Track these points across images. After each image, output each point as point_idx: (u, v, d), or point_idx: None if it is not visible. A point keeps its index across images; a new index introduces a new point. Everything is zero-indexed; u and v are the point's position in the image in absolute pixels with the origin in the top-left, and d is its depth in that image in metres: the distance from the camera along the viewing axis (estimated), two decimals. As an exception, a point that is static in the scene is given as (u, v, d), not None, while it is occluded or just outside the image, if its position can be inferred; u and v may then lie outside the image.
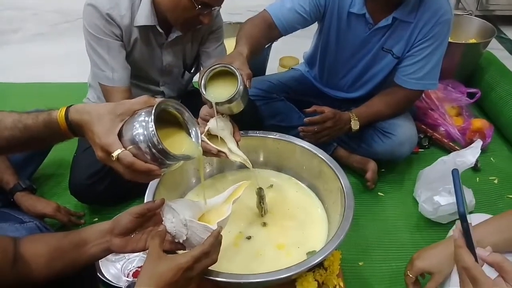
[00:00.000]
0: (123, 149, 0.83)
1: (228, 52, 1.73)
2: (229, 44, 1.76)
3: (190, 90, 1.92)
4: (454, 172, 0.80)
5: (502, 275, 0.73)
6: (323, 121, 1.61)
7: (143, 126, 0.82)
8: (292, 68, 2.18)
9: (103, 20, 1.44)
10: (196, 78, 1.85)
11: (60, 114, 0.87)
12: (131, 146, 0.83)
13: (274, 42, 2.02)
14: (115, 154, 0.82)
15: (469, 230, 0.76)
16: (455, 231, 0.79)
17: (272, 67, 2.49)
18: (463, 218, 0.76)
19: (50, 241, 0.96)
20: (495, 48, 2.64)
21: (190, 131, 0.95)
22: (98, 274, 1.40)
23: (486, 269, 0.76)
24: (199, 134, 0.95)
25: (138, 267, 1.45)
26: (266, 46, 1.98)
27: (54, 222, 1.62)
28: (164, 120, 0.89)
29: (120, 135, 0.84)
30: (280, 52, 2.46)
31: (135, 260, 1.47)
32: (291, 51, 2.44)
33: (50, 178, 1.91)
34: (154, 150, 0.82)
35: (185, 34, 1.57)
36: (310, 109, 1.65)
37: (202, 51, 1.69)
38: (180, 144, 0.92)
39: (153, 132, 0.80)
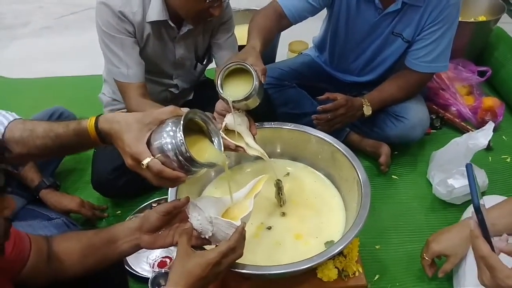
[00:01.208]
0: (152, 157, 0.87)
1: (238, 39, 1.74)
2: (239, 31, 1.78)
3: (203, 81, 1.95)
4: (468, 166, 0.83)
5: None
6: (336, 109, 1.63)
7: (170, 136, 0.86)
8: (301, 53, 2.19)
9: (116, 18, 1.46)
10: (210, 66, 1.87)
11: (90, 123, 0.91)
12: (159, 154, 0.87)
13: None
14: (145, 162, 0.86)
15: (484, 221, 0.80)
16: (471, 222, 0.82)
17: (282, 53, 2.50)
18: (477, 211, 0.79)
19: (81, 239, 1.02)
20: (505, 22, 2.61)
21: (213, 138, 0.99)
22: (125, 266, 1.46)
23: (504, 258, 0.80)
24: (222, 143, 0.99)
25: (163, 257, 1.50)
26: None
27: (78, 216, 1.67)
28: (187, 128, 0.92)
29: (148, 143, 0.88)
30: (289, 37, 2.46)
31: (159, 250, 1.51)
32: (300, 36, 2.44)
33: (71, 173, 1.96)
34: (181, 158, 0.86)
35: (196, 27, 1.59)
36: (323, 96, 1.67)
37: (213, 43, 1.71)
38: (205, 152, 0.96)
39: (181, 141, 0.84)
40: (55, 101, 2.17)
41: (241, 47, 1.60)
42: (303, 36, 2.47)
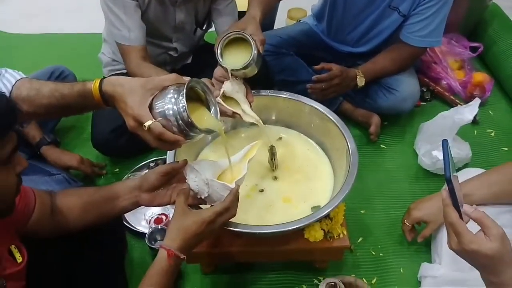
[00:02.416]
0: (154, 120, 0.92)
1: (238, 5, 1.76)
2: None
3: (202, 45, 1.97)
4: (444, 142, 0.91)
5: (483, 229, 0.86)
6: (330, 79, 1.68)
7: (172, 102, 0.91)
8: (300, 20, 2.21)
9: None
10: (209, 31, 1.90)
11: (94, 85, 0.95)
12: (160, 118, 0.92)
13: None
14: (147, 124, 0.91)
15: (454, 192, 0.88)
16: (443, 192, 0.90)
17: (280, 19, 2.51)
18: (448, 182, 0.87)
19: (83, 195, 1.09)
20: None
21: (210, 107, 1.04)
22: (124, 221, 1.54)
23: (472, 226, 0.88)
24: (218, 112, 1.04)
25: (159, 214, 1.58)
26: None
27: (77, 173, 1.73)
28: (187, 95, 0.97)
29: (149, 107, 0.93)
30: (288, 4, 2.47)
31: (156, 208, 1.57)
32: (299, 3, 2.45)
33: (70, 131, 2.00)
34: (181, 123, 0.91)
35: (197, -8, 1.61)
36: (318, 66, 1.71)
37: (213, 9, 1.73)
38: (203, 119, 1.02)
39: (184, 107, 0.89)
40: (54, 59, 2.18)
41: (240, 13, 1.63)
42: (301, 3, 2.47)
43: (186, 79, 0.96)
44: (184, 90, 0.91)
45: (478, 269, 0.89)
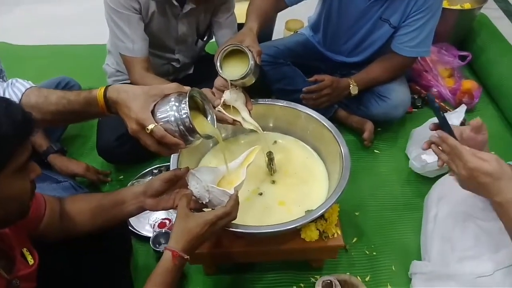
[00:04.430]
0: (156, 124, 0.97)
1: (237, 17, 1.85)
2: (239, 8, 1.88)
3: (203, 56, 2.06)
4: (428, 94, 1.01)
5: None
6: (320, 90, 1.77)
7: (174, 109, 0.97)
8: (297, 31, 2.30)
9: None
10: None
11: (99, 92, 1.01)
12: (162, 123, 0.98)
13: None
14: (150, 127, 0.96)
15: (447, 122, 0.99)
16: (438, 132, 1.01)
17: (278, 30, 2.59)
18: (437, 110, 1.00)
19: (91, 201, 1.14)
20: (490, 7, 2.71)
21: (207, 115, 1.12)
22: (128, 226, 1.60)
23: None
24: (215, 119, 1.12)
25: (162, 219, 1.65)
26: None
27: (83, 180, 1.79)
28: None
29: (152, 113, 0.99)
30: (285, 15, 2.53)
31: (160, 212, 1.65)
32: (296, 14, 2.52)
33: (76, 139, 2.07)
34: (182, 128, 0.98)
35: (198, 6, 1.68)
36: (312, 78, 1.80)
37: (214, 21, 1.81)
38: (201, 125, 1.08)
39: (186, 114, 0.96)
40: (59, 70, 2.24)
41: (240, 25, 1.71)
42: (299, 15, 2.55)
43: (187, 88, 1.03)
44: (187, 98, 0.98)
45: (483, 193, 0.96)
